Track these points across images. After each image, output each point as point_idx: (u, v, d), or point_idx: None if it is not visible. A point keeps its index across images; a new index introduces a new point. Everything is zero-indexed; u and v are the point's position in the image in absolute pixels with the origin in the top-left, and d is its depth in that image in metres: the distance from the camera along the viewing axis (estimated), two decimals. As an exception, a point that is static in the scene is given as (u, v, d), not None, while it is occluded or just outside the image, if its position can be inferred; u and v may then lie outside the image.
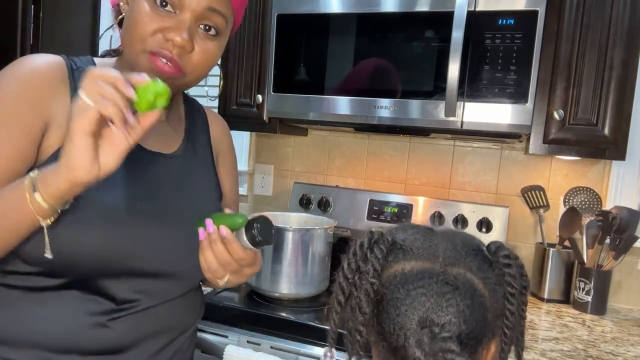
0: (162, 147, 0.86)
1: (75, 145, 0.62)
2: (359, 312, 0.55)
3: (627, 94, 1.30)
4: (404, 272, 0.55)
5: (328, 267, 1.49)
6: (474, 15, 1.31)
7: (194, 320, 0.94)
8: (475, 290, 0.54)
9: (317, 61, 1.51)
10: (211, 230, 0.75)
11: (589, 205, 1.60)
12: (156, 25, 0.74)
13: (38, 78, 0.75)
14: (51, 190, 0.65)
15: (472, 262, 0.56)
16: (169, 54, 0.75)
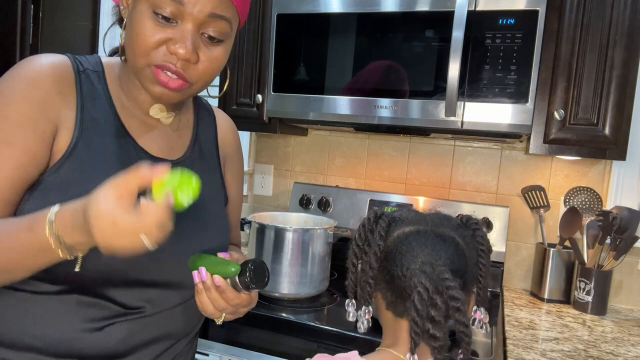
0: (168, 153, 0.85)
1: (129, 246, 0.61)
2: (369, 269, 0.72)
3: (628, 93, 1.30)
4: (404, 232, 0.73)
5: (328, 267, 1.49)
6: (475, 15, 1.31)
7: (194, 326, 0.93)
8: (457, 243, 0.73)
9: (317, 61, 1.50)
10: (205, 279, 0.75)
11: (589, 205, 1.60)
12: (158, 37, 0.72)
13: (45, 80, 0.74)
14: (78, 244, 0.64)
15: (452, 225, 0.76)
16: (173, 67, 0.74)
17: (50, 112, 0.73)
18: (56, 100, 0.74)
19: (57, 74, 0.75)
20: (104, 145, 0.77)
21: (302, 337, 1.25)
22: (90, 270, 0.73)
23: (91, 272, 0.73)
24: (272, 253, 1.39)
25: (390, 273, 0.72)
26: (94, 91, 0.79)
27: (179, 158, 0.87)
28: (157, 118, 0.84)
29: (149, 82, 0.76)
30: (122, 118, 0.81)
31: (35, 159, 0.72)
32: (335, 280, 1.61)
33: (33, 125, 0.72)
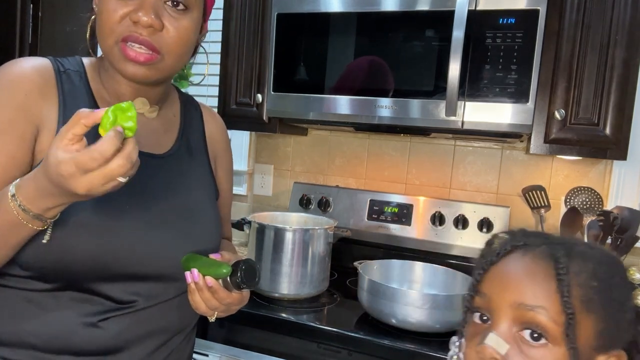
0: (154, 148, 0.85)
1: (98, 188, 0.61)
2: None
3: (629, 93, 1.30)
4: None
5: (328, 268, 1.48)
6: (475, 14, 1.31)
7: (190, 321, 0.93)
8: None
9: (317, 60, 1.50)
10: (197, 280, 0.77)
11: (590, 205, 1.59)
12: (122, 11, 0.74)
13: (26, 83, 0.74)
14: (45, 209, 0.65)
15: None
16: (139, 37, 0.74)
17: (30, 114, 0.74)
18: (37, 102, 0.74)
19: (37, 75, 0.76)
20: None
21: (302, 337, 1.24)
22: (80, 265, 0.73)
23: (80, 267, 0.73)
24: (272, 253, 1.39)
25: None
26: (75, 90, 0.79)
27: (166, 152, 0.87)
28: (141, 113, 0.84)
29: (120, 61, 0.76)
30: None
31: (16, 161, 0.73)
32: (335, 280, 1.60)
33: (13, 128, 0.72)
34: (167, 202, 0.84)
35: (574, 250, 0.57)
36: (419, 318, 1.19)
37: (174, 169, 0.87)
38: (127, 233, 0.77)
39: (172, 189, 0.85)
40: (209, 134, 0.98)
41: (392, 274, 1.47)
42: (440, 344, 1.18)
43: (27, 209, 0.64)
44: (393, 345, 1.17)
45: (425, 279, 1.46)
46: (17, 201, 0.64)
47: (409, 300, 1.20)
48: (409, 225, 1.72)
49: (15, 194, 0.65)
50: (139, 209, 0.80)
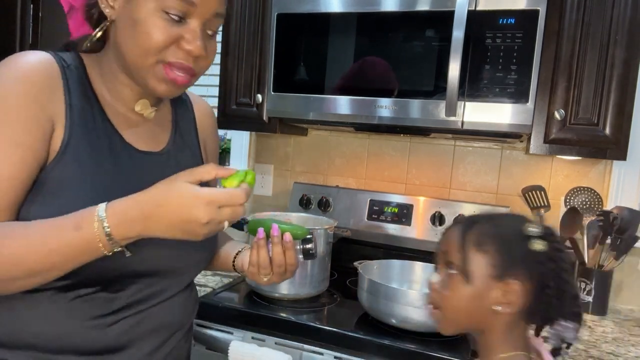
0: (152, 146, 0.86)
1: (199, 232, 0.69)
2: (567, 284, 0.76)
3: (629, 93, 1.30)
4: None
5: (328, 267, 1.48)
6: (475, 15, 1.31)
7: (190, 316, 0.94)
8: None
9: (317, 61, 1.50)
10: (276, 234, 0.85)
11: (589, 206, 1.59)
12: (170, 36, 0.75)
13: (39, 77, 0.74)
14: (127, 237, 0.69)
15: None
16: (187, 65, 0.77)
17: (47, 109, 0.74)
18: (49, 96, 0.74)
19: (46, 70, 0.75)
20: (94, 142, 0.78)
21: (302, 337, 1.25)
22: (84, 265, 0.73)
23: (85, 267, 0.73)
24: (272, 253, 1.39)
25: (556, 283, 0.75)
26: (78, 88, 0.79)
27: (163, 149, 0.88)
28: (141, 113, 0.85)
29: (156, 79, 0.77)
30: (108, 114, 0.81)
31: (37, 157, 0.73)
32: (335, 280, 1.60)
33: (36, 124, 0.72)
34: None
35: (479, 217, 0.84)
36: (419, 318, 1.19)
37: (172, 164, 0.88)
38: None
39: None
40: (199, 120, 0.98)
41: (392, 274, 1.47)
42: (440, 344, 1.18)
43: (112, 234, 0.67)
44: (393, 345, 1.17)
45: (425, 279, 1.46)
46: (106, 224, 0.67)
47: (408, 300, 1.20)
48: (409, 225, 1.72)
49: (105, 217, 0.67)
50: None
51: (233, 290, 1.47)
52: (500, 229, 0.79)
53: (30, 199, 0.73)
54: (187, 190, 0.68)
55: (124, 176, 0.79)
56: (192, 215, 0.67)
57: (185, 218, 0.67)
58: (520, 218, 0.80)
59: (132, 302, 0.80)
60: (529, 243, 0.75)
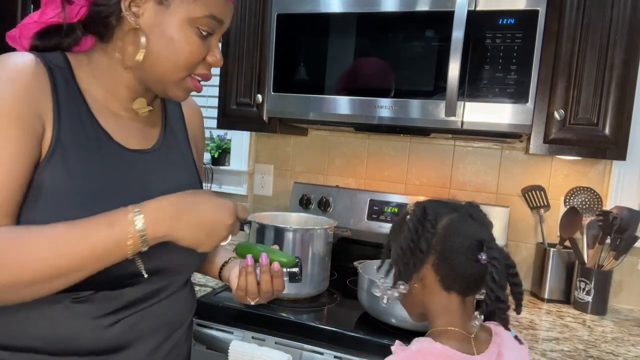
0: (141, 144, 0.86)
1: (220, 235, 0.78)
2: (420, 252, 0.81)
3: (628, 93, 1.30)
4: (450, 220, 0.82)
5: (328, 267, 1.49)
6: (475, 15, 1.31)
7: (189, 314, 0.95)
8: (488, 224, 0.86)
9: (317, 61, 1.50)
10: (264, 263, 0.89)
11: (589, 205, 1.60)
12: (203, 53, 0.81)
13: (25, 78, 0.73)
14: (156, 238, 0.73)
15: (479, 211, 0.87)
16: (210, 74, 0.84)
17: (35, 108, 0.73)
18: (38, 97, 0.74)
19: (33, 70, 0.75)
20: (83, 142, 0.77)
21: (302, 337, 1.25)
22: None
23: None
24: (272, 253, 1.39)
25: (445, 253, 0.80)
26: (65, 87, 0.78)
27: (153, 146, 0.88)
28: (136, 111, 0.86)
29: (181, 89, 0.83)
30: (96, 115, 0.81)
31: (31, 155, 0.72)
32: (335, 280, 1.60)
33: (24, 122, 0.72)
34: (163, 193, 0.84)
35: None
36: (419, 318, 1.19)
37: (163, 161, 0.88)
38: None
39: (164, 181, 0.86)
40: (187, 118, 0.99)
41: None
42: (439, 343, 1.19)
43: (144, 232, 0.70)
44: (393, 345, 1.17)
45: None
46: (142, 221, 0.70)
47: (408, 300, 1.20)
48: (408, 225, 1.72)
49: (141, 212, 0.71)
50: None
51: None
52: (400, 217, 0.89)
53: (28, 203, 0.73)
54: (215, 196, 0.77)
55: (113, 175, 0.79)
56: (221, 215, 0.76)
57: (216, 218, 0.75)
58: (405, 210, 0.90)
59: (132, 302, 0.80)
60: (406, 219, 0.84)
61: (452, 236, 0.80)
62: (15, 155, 0.70)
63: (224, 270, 1.01)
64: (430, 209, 0.83)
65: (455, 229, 0.80)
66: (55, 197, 0.73)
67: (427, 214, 0.82)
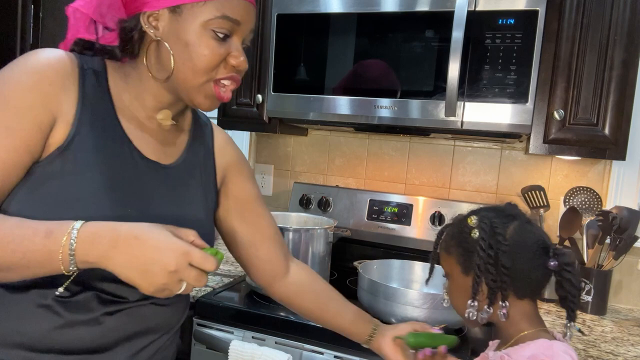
0: (161, 157, 0.86)
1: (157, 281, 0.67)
2: (503, 268, 0.79)
3: (628, 93, 1.30)
4: (515, 229, 0.81)
5: (328, 267, 1.49)
6: (474, 15, 1.31)
7: (178, 320, 0.93)
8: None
9: (317, 61, 1.50)
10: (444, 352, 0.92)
11: (589, 205, 1.60)
12: (221, 55, 0.79)
13: (50, 72, 0.75)
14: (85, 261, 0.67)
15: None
16: (237, 77, 0.82)
17: (51, 103, 0.74)
18: (58, 93, 0.75)
19: (61, 68, 0.77)
20: (100, 143, 0.78)
21: (302, 337, 1.25)
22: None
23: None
24: (272, 253, 1.39)
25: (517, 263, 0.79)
26: (95, 90, 0.80)
27: (173, 163, 0.88)
28: (159, 122, 0.86)
29: (204, 96, 0.81)
30: (121, 118, 0.82)
31: (29, 147, 0.73)
32: (335, 280, 1.61)
33: (32, 113, 0.73)
34: (166, 211, 0.84)
35: (447, 223, 0.91)
36: (419, 318, 1.19)
37: (176, 182, 0.88)
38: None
39: (173, 200, 0.86)
40: (217, 147, 0.98)
41: (392, 274, 1.47)
42: (439, 343, 1.19)
43: (74, 251, 0.66)
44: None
45: (425, 278, 1.46)
46: (73, 239, 0.66)
47: (408, 299, 1.21)
48: (408, 225, 1.72)
49: (79, 229, 0.67)
50: (138, 215, 0.79)
51: (233, 289, 1.47)
52: (457, 228, 0.86)
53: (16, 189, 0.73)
54: (168, 236, 0.67)
55: (123, 179, 0.80)
56: (162, 257, 0.65)
57: (154, 258, 0.65)
58: (473, 212, 0.86)
59: (120, 304, 0.79)
60: (471, 233, 0.82)
61: (521, 246, 0.79)
62: (8, 145, 0.71)
63: (374, 340, 1.02)
64: (496, 222, 0.81)
65: (522, 237, 0.80)
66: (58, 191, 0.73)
67: (496, 228, 0.80)
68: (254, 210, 1.02)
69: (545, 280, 0.82)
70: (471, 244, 0.82)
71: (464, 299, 0.82)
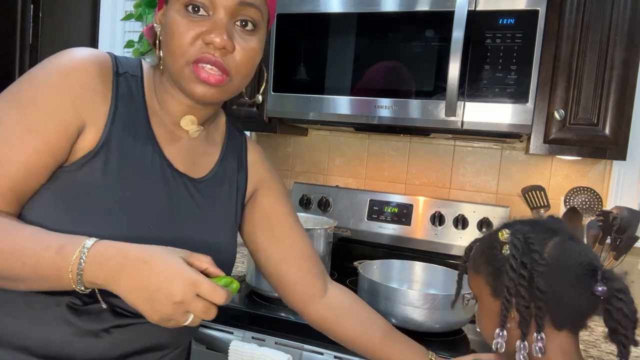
0: (191, 170, 0.84)
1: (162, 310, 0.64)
2: (539, 292, 0.68)
3: (628, 93, 1.30)
4: (555, 246, 0.70)
5: (328, 267, 1.49)
6: (475, 15, 1.31)
7: (189, 338, 0.91)
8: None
9: (317, 61, 1.50)
10: None
11: (589, 205, 1.60)
12: (193, 32, 0.73)
13: (83, 74, 0.73)
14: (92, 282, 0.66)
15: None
16: (212, 58, 0.73)
17: (81, 107, 0.72)
18: (91, 97, 0.73)
19: (96, 70, 0.74)
20: (131, 150, 0.76)
21: (302, 337, 1.25)
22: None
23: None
24: (272, 253, 1.39)
25: (556, 287, 0.68)
26: (129, 94, 0.78)
27: (203, 177, 0.85)
28: (187, 130, 0.83)
29: (190, 82, 0.75)
30: (153, 125, 0.80)
31: (53, 149, 0.71)
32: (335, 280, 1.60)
33: (59, 116, 0.71)
34: (189, 227, 0.82)
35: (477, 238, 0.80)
36: (419, 318, 1.19)
37: (206, 197, 0.85)
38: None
39: (197, 219, 0.83)
40: (251, 161, 0.95)
41: (392, 274, 1.47)
42: (440, 343, 1.19)
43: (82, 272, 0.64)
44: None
45: (425, 278, 1.46)
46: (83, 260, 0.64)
47: (408, 300, 1.20)
48: (408, 225, 1.72)
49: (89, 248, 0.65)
50: (162, 230, 0.78)
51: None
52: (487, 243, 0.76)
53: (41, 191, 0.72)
54: (178, 264, 0.64)
55: (149, 192, 0.77)
56: (169, 286, 0.62)
57: (160, 286, 0.63)
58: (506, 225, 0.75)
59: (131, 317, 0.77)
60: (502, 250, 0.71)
61: (562, 266, 0.68)
62: (32, 146, 0.69)
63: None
64: (531, 237, 0.70)
65: (564, 256, 0.69)
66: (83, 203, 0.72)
67: (532, 244, 0.69)
68: (284, 226, 0.97)
69: (591, 309, 0.70)
70: (501, 262, 0.71)
71: (493, 326, 0.72)
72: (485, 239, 0.78)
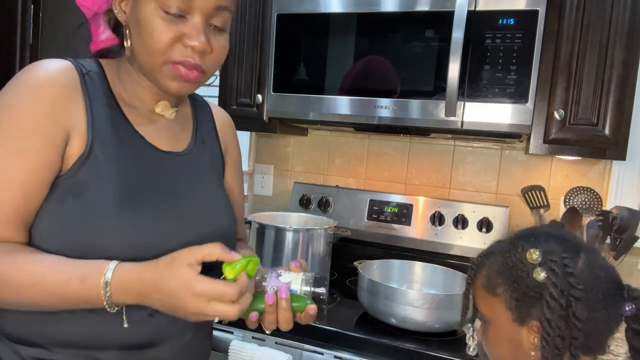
0: (174, 146, 0.87)
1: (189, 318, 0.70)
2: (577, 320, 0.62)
3: (628, 93, 1.30)
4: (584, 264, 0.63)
5: (328, 267, 1.49)
6: (474, 15, 1.31)
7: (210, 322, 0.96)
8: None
9: (317, 61, 1.50)
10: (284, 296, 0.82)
11: (589, 205, 1.60)
12: (172, 34, 0.75)
13: (54, 87, 0.75)
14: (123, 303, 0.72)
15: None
16: (192, 62, 0.77)
17: (60, 118, 0.74)
18: (66, 106, 0.75)
19: (63, 79, 0.76)
20: (117, 146, 0.78)
21: (302, 337, 1.25)
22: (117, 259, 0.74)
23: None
24: (272, 253, 1.39)
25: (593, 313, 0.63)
26: (98, 92, 0.80)
27: (185, 149, 0.89)
28: (162, 114, 0.87)
29: (168, 78, 0.78)
30: (128, 116, 0.82)
31: (47, 164, 0.73)
32: (335, 280, 1.60)
33: (43, 131, 0.73)
34: (192, 196, 0.86)
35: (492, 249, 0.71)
36: (419, 318, 1.19)
37: (194, 165, 0.89)
38: (165, 232, 0.79)
39: (194, 184, 0.87)
40: (219, 127, 1.00)
41: (392, 274, 1.47)
42: (439, 343, 1.19)
43: (111, 298, 0.70)
44: (393, 345, 1.18)
45: (425, 278, 1.46)
46: (108, 289, 0.69)
47: (408, 300, 1.20)
48: (408, 225, 1.72)
49: (110, 282, 0.69)
50: (173, 206, 0.81)
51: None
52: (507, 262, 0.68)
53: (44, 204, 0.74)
54: (183, 277, 0.68)
55: (148, 176, 0.81)
56: (180, 302, 0.68)
57: (175, 304, 0.69)
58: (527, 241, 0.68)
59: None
60: (533, 273, 0.64)
61: (595, 289, 0.62)
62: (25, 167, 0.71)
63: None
64: (566, 257, 0.63)
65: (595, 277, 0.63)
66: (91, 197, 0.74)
67: (567, 267, 0.62)
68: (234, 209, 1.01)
69: (615, 330, 0.66)
70: (533, 288, 0.63)
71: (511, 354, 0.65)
72: (502, 254, 0.69)
